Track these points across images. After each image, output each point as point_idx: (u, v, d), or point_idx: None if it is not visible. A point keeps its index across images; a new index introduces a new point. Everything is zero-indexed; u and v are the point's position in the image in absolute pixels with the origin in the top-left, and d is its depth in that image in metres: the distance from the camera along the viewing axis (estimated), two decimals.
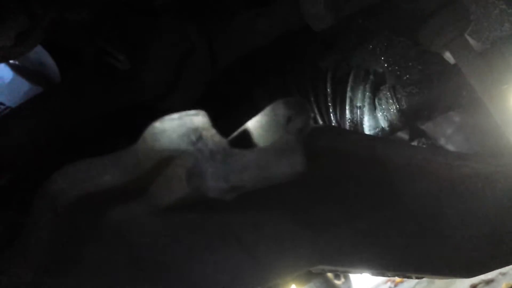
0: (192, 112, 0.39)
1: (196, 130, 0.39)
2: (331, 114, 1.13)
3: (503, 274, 3.05)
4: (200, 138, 0.38)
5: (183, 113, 0.39)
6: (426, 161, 0.73)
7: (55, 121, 0.84)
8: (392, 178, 0.70)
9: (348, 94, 1.13)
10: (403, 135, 1.30)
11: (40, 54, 1.16)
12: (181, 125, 0.38)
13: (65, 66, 1.13)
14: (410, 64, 1.13)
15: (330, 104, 1.13)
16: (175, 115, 0.38)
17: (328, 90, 1.13)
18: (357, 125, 1.13)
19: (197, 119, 0.39)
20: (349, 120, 1.12)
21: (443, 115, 1.09)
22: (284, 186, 0.48)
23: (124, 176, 0.41)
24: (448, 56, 1.16)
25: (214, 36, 0.94)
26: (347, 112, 1.13)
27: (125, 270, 0.48)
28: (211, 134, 0.39)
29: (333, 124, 1.12)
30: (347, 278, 5.98)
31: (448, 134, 1.12)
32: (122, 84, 0.88)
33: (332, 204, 0.64)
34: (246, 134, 0.46)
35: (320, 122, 1.14)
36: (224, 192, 0.40)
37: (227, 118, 0.85)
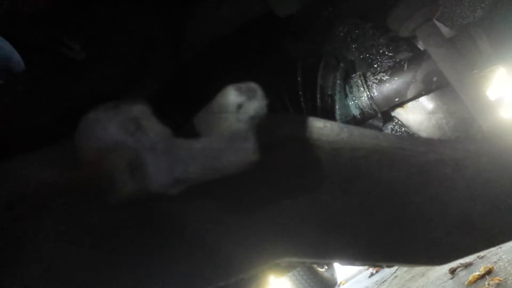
0: (129, 100, 0.36)
1: (134, 119, 0.35)
2: (302, 103, 1.11)
3: (481, 257, 3.09)
4: (138, 127, 0.35)
5: (119, 101, 0.35)
6: (393, 148, 0.71)
7: (9, 116, 0.80)
8: (359, 166, 0.68)
9: (319, 82, 1.11)
10: (377, 123, 1.29)
11: (5, 48, 1.11)
12: (117, 115, 0.35)
13: (31, 60, 1.08)
14: (380, 51, 1.11)
15: (301, 93, 1.11)
16: (110, 104, 0.35)
17: (299, 78, 1.11)
18: (329, 114, 1.11)
19: (135, 107, 0.36)
20: (320, 109, 1.10)
21: (414, 102, 1.08)
22: (242, 176, 0.45)
23: (62, 172, 0.38)
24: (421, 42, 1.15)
25: (177, 24, 0.90)
26: (318, 100, 1.10)
27: (73, 271, 0.46)
28: (151, 123, 0.36)
29: (304, 112, 1.10)
30: (330, 266, 6.06)
31: (419, 121, 1.11)
32: (81, 76, 0.84)
33: (296, 195, 0.62)
34: (195, 123, 0.43)
35: (291, 111, 1.12)
36: (169, 186, 0.37)
37: (191, 110, 0.82)
